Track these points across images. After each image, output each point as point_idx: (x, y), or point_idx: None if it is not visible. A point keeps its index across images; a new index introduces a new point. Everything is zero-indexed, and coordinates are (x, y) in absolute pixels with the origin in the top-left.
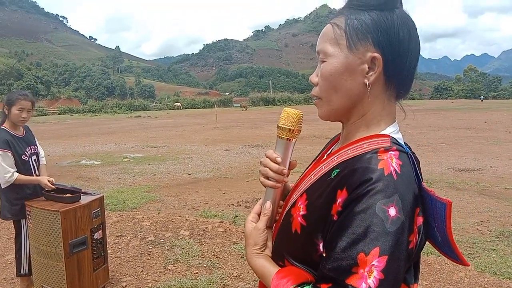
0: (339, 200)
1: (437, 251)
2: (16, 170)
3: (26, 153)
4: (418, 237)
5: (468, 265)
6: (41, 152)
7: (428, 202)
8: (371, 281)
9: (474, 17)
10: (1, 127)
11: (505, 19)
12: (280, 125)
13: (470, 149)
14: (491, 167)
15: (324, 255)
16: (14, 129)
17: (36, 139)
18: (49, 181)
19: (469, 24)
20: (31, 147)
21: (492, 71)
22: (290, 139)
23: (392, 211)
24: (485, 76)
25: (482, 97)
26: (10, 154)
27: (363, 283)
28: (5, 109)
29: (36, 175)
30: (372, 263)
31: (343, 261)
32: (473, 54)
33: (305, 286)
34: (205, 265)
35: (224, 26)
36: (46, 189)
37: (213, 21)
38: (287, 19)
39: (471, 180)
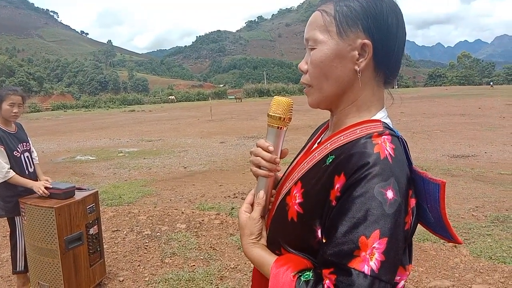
0: (337, 186)
1: (432, 238)
2: (10, 166)
3: (18, 149)
4: (412, 218)
5: (461, 243)
6: (34, 151)
7: (420, 184)
8: (373, 263)
9: (466, 3)
10: None
11: (498, 4)
12: (270, 113)
13: (465, 136)
14: (485, 152)
15: (323, 241)
16: (6, 126)
17: (28, 137)
18: (45, 187)
19: (462, 10)
20: (23, 143)
21: (486, 57)
22: (281, 127)
23: (390, 194)
24: (478, 62)
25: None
26: (3, 149)
27: (365, 266)
28: None
29: (29, 172)
30: (373, 246)
31: (345, 245)
32: (466, 40)
33: (305, 272)
34: (202, 258)
35: (217, 17)
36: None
37: (206, 12)
38: (280, 9)
39: (466, 166)
